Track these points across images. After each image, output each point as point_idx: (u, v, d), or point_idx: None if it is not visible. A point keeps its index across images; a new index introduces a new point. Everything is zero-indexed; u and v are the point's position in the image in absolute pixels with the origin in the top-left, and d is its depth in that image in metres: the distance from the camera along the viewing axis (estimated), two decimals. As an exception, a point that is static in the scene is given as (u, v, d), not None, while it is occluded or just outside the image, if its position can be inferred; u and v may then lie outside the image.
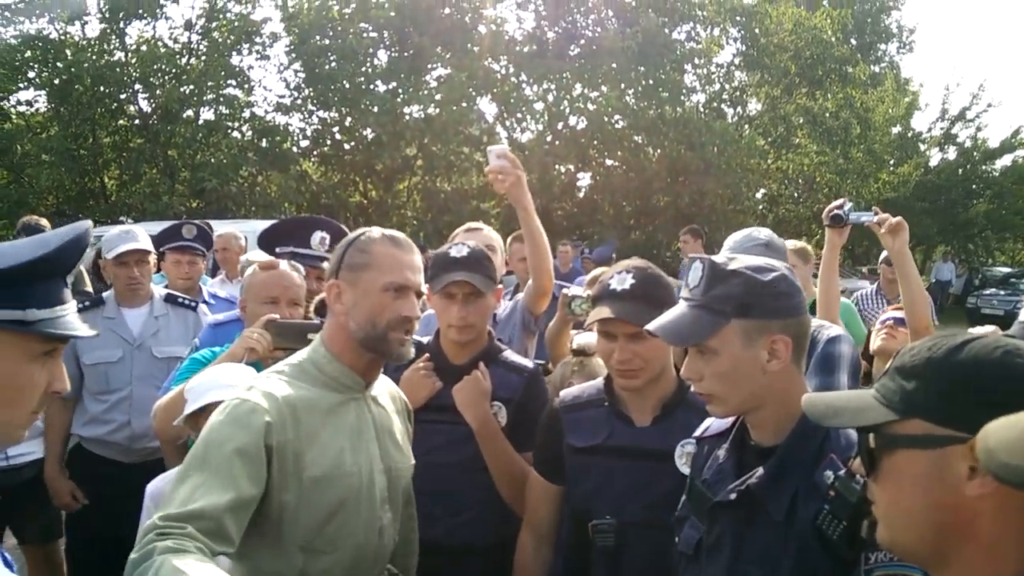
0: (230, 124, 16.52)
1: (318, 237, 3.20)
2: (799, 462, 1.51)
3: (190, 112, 16.01)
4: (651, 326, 1.58)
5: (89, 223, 1.32)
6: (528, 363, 2.55)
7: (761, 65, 20.56)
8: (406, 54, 17.05)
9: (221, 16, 16.15)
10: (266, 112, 17.16)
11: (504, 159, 2.71)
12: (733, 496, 1.54)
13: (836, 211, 3.18)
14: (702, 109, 19.69)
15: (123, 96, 15.50)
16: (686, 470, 1.89)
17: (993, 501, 0.91)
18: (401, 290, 1.78)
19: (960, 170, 22.67)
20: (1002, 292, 18.68)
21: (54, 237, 1.19)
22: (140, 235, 3.61)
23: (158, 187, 14.33)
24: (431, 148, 16.93)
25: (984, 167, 23.11)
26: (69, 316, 1.25)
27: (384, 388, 1.99)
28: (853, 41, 27.38)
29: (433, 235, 16.31)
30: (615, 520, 1.94)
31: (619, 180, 18.33)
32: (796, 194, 22.55)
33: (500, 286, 2.68)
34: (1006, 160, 23.41)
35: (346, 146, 17.58)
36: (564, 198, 18.79)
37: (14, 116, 15.64)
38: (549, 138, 18.58)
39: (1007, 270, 23.30)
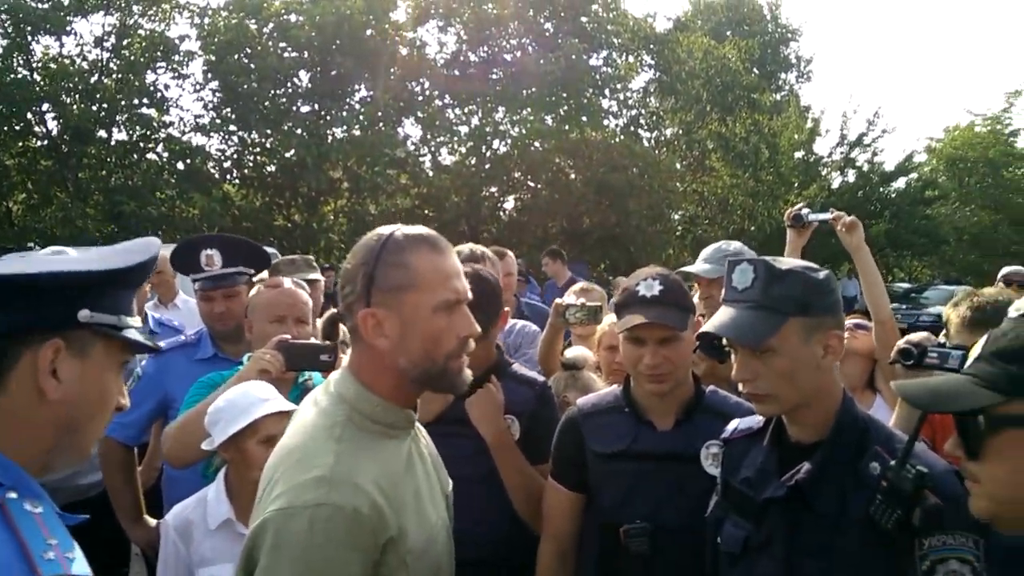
0: (145, 145, 15.91)
1: (204, 257, 2.98)
2: (843, 456, 1.58)
3: (102, 132, 15.36)
4: (712, 328, 1.63)
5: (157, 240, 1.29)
6: (538, 376, 2.56)
7: (674, 91, 21.35)
8: (329, 74, 16.89)
9: (133, 33, 15.63)
10: (183, 132, 16.67)
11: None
12: (782, 492, 1.60)
13: (797, 212, 3.37)
14: (620, 133, 20.27)
15: (29, 116, 14.73)
16: (713, 471, 1.95)
17: None
18: (455, 306, 1.47)
19: (860, 192, 23.94)
20: (904, 306, 19.84)
21: (147, 245, 1.16)
22: None
23: (70, 211, 13.64)
24: (356, 170, 16.78)
25: (882, 189, 24.54)
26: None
27: None
28: (755, 71, 28.82)
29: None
30: (648, 524, 1.97)
31: (544, 202, 18.60)
32: (711, 215, 23.38)
33: (507, 309, 2.71)
34: (901, 183, 24.95)
35: (268, 168, 17.21)
36: (491, 220, 18.93)
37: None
38: (474, 161, 18.73)
39: (907, 286, 24.81)
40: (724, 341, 1.71)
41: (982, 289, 2.50)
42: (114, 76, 15.55)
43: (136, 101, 15.59)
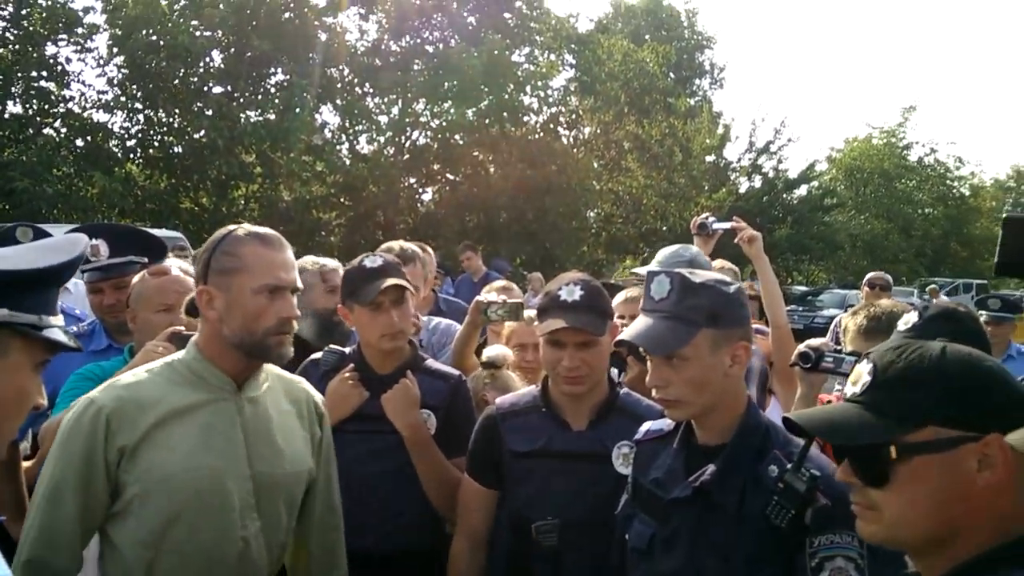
0: (43, 120, 15.03)
1: (90, 246, 2.92)
2: (744, 459, 1.69)
3: (-4, 104, 14.44)
4: (628, 336, 1.71)
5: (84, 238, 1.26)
6: (453, 371, 2.60)
7: (594, 91, 21.68)
8: (244, 56, 16.37)
9: (34, 3, 14.72)
10: (84, 109, 15.82)
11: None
12: (688, 492, 1.70)
13: (702, 221, 3.55)
14: (540, 130, 20.45)
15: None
16: (623, 470, 2.04)
17: (999, 484, 1.05)
18: (276, 291, 1.75)
19: (765, 197, 25.02)
20: (800, 308, 20.89)
21: (74, 244, 1.14)
22: None
23: (-43, 187, 12.77)
24: (270, 155, 16.34)
25: (785, 195, 25.69)
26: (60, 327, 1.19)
27: (281, 390, 1.95)
28: (672, 75, 29.61)
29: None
30: (558, 520, 2.05)
31: (463, 196, 18.59)
32: (626, 214, 23.91)
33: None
34: (803, 190, 26.18)
35: (176, 149, 16.54)
36: (408, 212, 18.77)
37: None
38: (392, 151, 18.53)
39: (804, 288, 26.06)
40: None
41: (879, 300, 2.68)
42: (11, 47, 14.62)
43: (34, 73, 14.69)
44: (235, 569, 1.76)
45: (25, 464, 2.88)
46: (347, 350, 2.54)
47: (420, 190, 19.63)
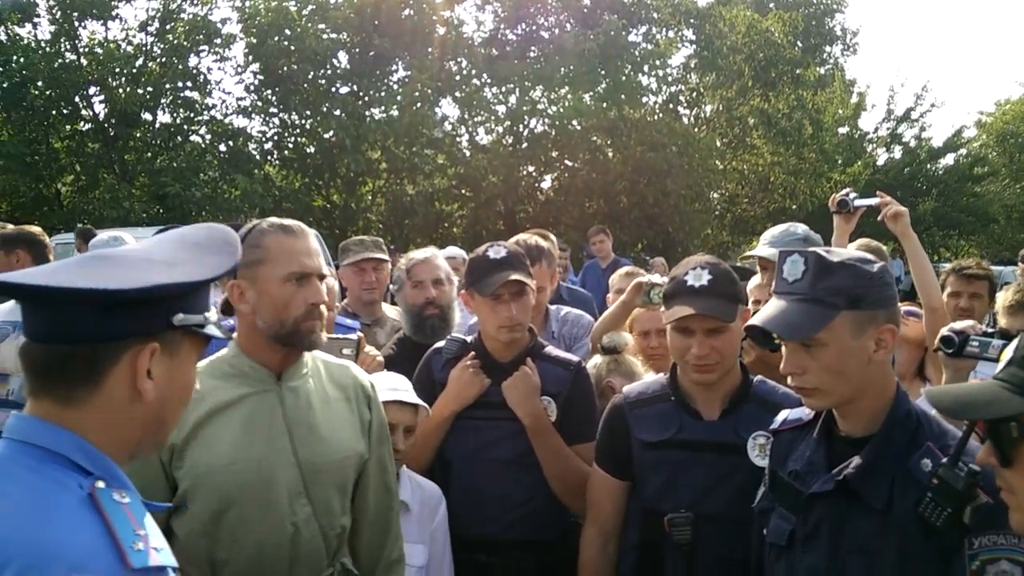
0: (189, 127, 16.17)
1: None
2: (894, 451, 1.57)
3: (147, 115, 15.64)
4: (759, 321, 1.62)
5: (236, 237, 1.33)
6: (573, 357, 2.59)
7: (715, 67, 20.93)
8: (368, 55, 16.93)
9: (177, 17, 15.83)
10: (225, 115, 16.89)
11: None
12: (830, 486, 1.60)
13: (842, 198, 3.31)
14: (659, 111, 19.98)
15: (77, 100, 15.06)
16: (760, 462, 1.96)
17: None
18: (302, 278, 1.80)
19: (906, 169, 23.40)
20: (950, 287, 19.39)
21: (231, 243, 1.20)
22: None
23: (117, 193, 13.96)
24: (394, 151, 16.85)
25: (929, 166, 23.92)
26: None
27: (326, 376, 1.98)
28: (799, 44, 28.13)
29: (399, 238, 16.23)
30: (692, 513, 1.99)
31: (582, 182, 18.47)
32: (752, 194, 23.02)
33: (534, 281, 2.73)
34: (949, 159, 24.29)
35: (308, 149, 17.36)
36: (527, 200, 18.86)
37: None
38: (511, 140, 18.65)
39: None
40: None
41: None
42: (158, 60, 15.79)
43: (180, 84, 15.81)
44: (289, 553, 1.82)
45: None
46: (468, 338, 2.57)
47: (539, 178, 19.67)
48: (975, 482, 1.42)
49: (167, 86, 15.42)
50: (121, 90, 14.93)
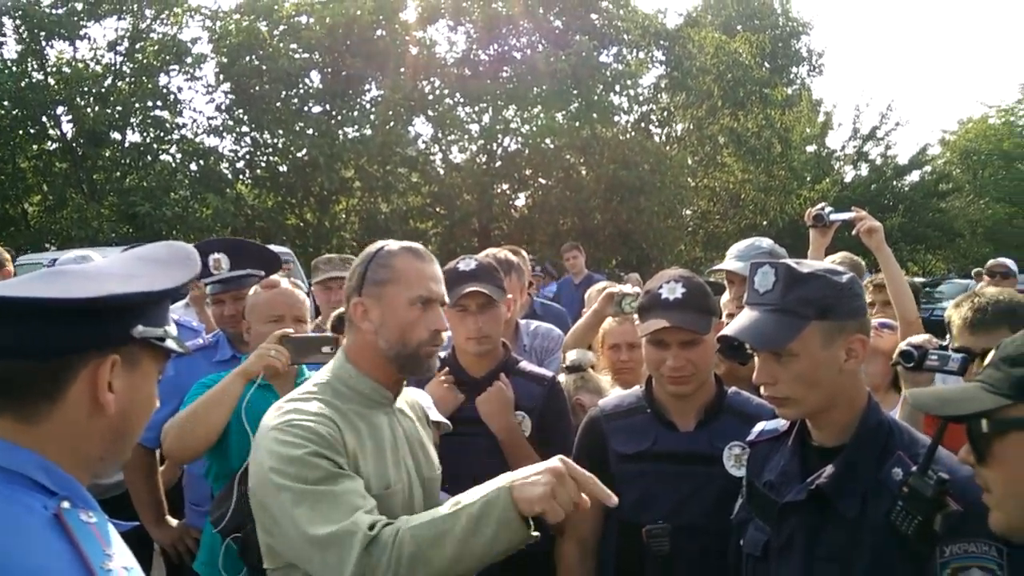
0: (159, 147, 16.02)
1: (211, 261, 3.06)
2: (865, 460, 1.59)
3: (116, 135, 15.48)
4: (731, 332, 1.64)
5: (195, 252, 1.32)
6: (547, 372, 2.59)
7: (685, 87, 21.24)
8: (340, 75, 16.94)
9: (146, 37, 15.73)
10: (196, 134, 16.76)
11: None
12: (803, 496, 1.61)
13: (818, 212, 3.34)
14: (631, 130, 20.20)
15: (44, 119, 14.86)
16: (736, 472, 1.97)
17: None
18: (428, 303, 1.78)
19: (873, 186, 23.81)
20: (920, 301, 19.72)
21: (191, 259, 1.19)
22: None
23: (85, 212, 13.75)
24: (368, 169, 16.83)
25: (895, 183, 24.37)
26: None
27: (403, 398, 1.99)
28: (767, 65, 28.63)
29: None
30: (669, 525, 1.99)
31: (555, 199, 18.58)
32: (723, 210, 23.29)
33: (509, 296, 2.73)
34: (915, 176, 24.77)
35: (281, 168, 17.29)
36: (502, 218, 18.92)
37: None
38: (484, 159, 18.73)
39: (921, 280, 24.61)
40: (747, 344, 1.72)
41: (983, 288, 2.46)
42: (127, 79, 15.64)
43: (149, 104, 15.66)
44: None
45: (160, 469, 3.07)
46: (442, 354, 2.56)
47: (513, 196, 19.76)
48: (944, 490, 1.43)
49: (136, 105, 15.27)
50: (89, 109, 14.75)
